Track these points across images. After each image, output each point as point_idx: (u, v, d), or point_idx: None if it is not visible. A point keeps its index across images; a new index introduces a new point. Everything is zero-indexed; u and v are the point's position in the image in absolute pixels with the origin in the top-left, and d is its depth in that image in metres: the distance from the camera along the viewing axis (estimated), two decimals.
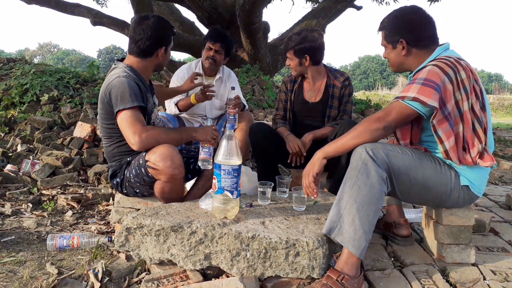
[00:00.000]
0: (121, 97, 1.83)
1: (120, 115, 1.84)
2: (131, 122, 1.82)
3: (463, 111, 1.52)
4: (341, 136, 1.62)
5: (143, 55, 2.00)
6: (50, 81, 4.70)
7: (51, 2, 8.96)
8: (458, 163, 1.54)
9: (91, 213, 2.50)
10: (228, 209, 1.57)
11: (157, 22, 1.98)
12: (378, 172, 1.46)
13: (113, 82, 1.88)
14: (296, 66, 2.50)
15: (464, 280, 1.55)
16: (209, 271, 1.54)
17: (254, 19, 6.68)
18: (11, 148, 3.56)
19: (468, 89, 1.52)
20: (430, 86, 1.47)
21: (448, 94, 1.49)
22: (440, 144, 1.53)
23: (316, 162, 1.61)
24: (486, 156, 1.56)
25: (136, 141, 1.81)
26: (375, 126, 1.53)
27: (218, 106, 2.98)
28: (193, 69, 2.91)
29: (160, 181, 1.85)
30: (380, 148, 1.49)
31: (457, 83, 1.51)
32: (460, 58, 1.58)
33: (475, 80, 1.56)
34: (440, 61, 1.54)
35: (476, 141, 1.54)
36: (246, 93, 5.81)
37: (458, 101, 1.52)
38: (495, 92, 25.14)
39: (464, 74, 1.52)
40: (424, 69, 1.54)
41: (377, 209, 1.46)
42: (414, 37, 1.63)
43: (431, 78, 1.49)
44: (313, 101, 2.57)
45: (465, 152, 1.55)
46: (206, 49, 2.82)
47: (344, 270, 1.42)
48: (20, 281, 1.59)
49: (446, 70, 1.50)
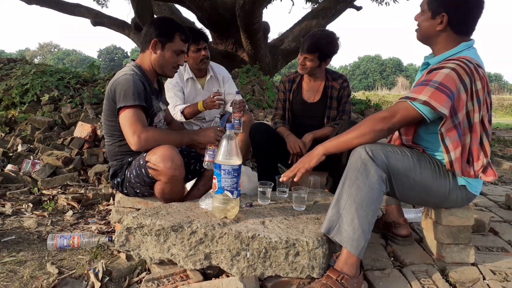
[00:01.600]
0: (125, 94, 1.83)
1: (123, 113, 1.84)
2: (131, 122, 1.82)
3: (473, 123, 1.49)
4: (343, 133, 1.59)
5: (143, 47, 2.03)
6: (50, 81, 4.71)
7: (51, 2, 8.97)
8: (460, 175, 1.53)
9: (92, 213, 2.50)
10: (228, 209, 1.57)
11: (161, 18, 2.05)
12: (377, 172, 1.45)
13: (119, 79, 1.89)
14: (313, 68, 2.46)
15: (463, 280, 1.55)
16: (209, 270, 1.55)
17: (254, 20, 6.68)
18: (12, 148, 3.57)
19: (481, 101, 1.48)
20: (444, 93, 1.41)
21: (461, 103, 1.45)
22: (446, 154, 1.50)
23: (315, 156, 1.59)
24: (489, 170, 1.55)
25: (135, 141, 1.81)
26: (380, 126, 1.50)
27: None
28: (182, 72, 2.83)
29: (160, 181, 1.85)
30: (379, 149, 1.48)
31: (471, 93, 1.46)
32: (479, 65, 1.50)
33: (487, 92, 1.52)
34: (459, 65, 1.45)
35: (481, 155, 1.52)
36: (246, 93, 5.81)
37: (470, 112, 1.48)
38: (494, 92, 25.13)
39: (480, 84, 1.47)
40: (441, 71, 1.46)
41: (376, 209, 1.46)
42: (458, 19, 1.52)
43: (447, 83, 1.42)
44: (312, 101, 2.57)
45: (468, 165, 1.53)
46: (194, 52, 2.70)
47: (344, 270, 1.43)
48: (21, 281, 1.59)
49: (463, 78, 1.44)
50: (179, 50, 2.01)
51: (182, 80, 2.83)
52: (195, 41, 2.66)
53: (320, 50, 2.39)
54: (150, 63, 2.02)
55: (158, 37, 1.96)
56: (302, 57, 2.46)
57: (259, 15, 6.85)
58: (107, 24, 9.44)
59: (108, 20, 9.38)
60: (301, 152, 2.38)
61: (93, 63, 5.71)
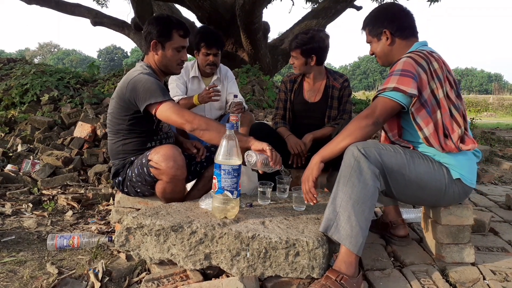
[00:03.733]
0: (151, 91, 1.81)
1: (159, 108, 1.80)
2: (175, 111, 1.79)
3: (439, 99, 1.59)
4: (335, 137, 1.64)
5: (146, 49, 2.04)
6: (50, 81, 4.71)
7: (51, 2, 8.97)
8: (440, 150, 1.58)
9: (92, 213, 2.50)
10: (228, 209, 1.57)
11: (157, 16, 2.04)
12: (370, 168, 1.48)
13: (137, 77, 1.87)
14: (301, 66, 2.50)
15: (463, 280, 1.55)
16: (209, 271, 1.55)
17: (254, 19, 6.69)
18: (12, 148, 3.57)
19: (442, 78, 1.60)
20: (407, 76, 1.54)
21: (423, 83, 1.57)
22: (420, 131, 1.59)
23: (314, 166, 1.61)
24: (467, 139, 1.62)
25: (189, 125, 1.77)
26: (365, 123, 1.56)
27: (217, 106, 2.96)
28: (189, 69, 2.86)
29: (162, 181, 1.85)
30: (372, 147, 1.52)
31: (430, 73, 1.58)
32: (433, 51, 1.67)
33: (447, 71, 1.64)
34: (413, 53, 1.62)
35: (455, 126, 1.60)
36: (246, 93, 5.81)
37: (434, 90, 1.59)
38: (495, 92, 25.16)
39: (436, 64, 1.60)
40: (399, 61, 1.61)
41: (372, 206, 1.48)
42: (396, 27, 1.71)
43: (407, 68, 1.56)
44: (313, 101, 2.57)
45: (446, 138, 1.59)
46: (203, 55, 2.76)
47: (342, 270, 1.43)
48: (21, 281, 1.59)
49: (419, 61, 1.58)
50: (179, 47, 2.00)
51: (188, 76, 2.85)
52: (208, 45, 2.70)
53: (300, 46, 2.44)
54: (155, 63, 2.02)
55: (157, 38, 1.96)
56: (291, 58, 2.54)
57: (259, 15, 6.86)
58: (107, 24, 9.45)
59: (108, 20, 9.39)
60: (302, 153, 2.38)
61: (93, 63, 5.72)
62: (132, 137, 1.97)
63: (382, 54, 1.78)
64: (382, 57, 1.79)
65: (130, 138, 1.96)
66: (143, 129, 1.96)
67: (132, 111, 1.90)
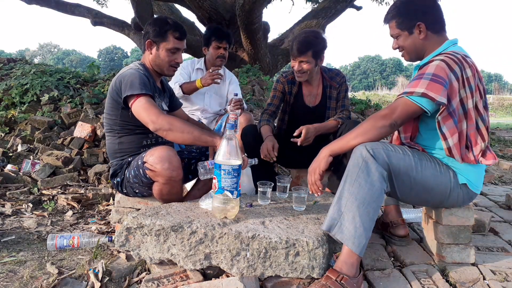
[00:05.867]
0: (131, 84, 1.85)
1: (134, 102, 1.85)
2: (146, 107, 1.82)
3: (468, 109, 1.53)
4: (347, 133, 1.61)
5: (143, 48, 2.10)
6: (50, 81, 4.71)
7: (51, 2, 8.97)
8: (460, 161, 1.54)
9: (92, 213, 2.50)
10: (228, 209, 1.57)
11: (155, 18, 2.09)
12: (378, 170, 1.46)
13: (125, 73, 1.94)
14: (311, 69, 2.34)
15: (464, 280, 1.55)
16: (209, 271, 1.55)
17: (254, 19, 6.68)
18: (12, 148, 3.57)
19: (473, 87, 1.52)
20: (438, 82, 1.46)
21: (453, 91, 1.48)
22: (444, 141, 1.53)
23: (322, 159, 1.60)
24: (488, 154, 1.57)
25: (153, 124, 1.79)
26: (381, 123, 1.52)
27: (217, 102, 3.05)
28: (195, 62, 3.03)
29: (158, 183, 1.84)
30: (380, 148, 1.49)
31: (462, 81, 1.50)
32: (466, 56, 1.57)
33: (479, 79, 1.56)
34: (447, 57, 1.52)
35: (479, 140, 1.54)
36: (246, 93, 5.81)
37: (463, 99, 1.52)
38: (495, 92, 25.16)
39: (469, 72, 1.52)
40: (431, 63, 1.52)
41: (377, 207, 1.46)
42: (431, 19, 1.60)
43: (439, 73, 1.47)
44: (313, 105, 2.53)
45: (467, 150, 1.55)
46: (214, 48, 2.90)
47: (343, 270, 1.42)
48: (21, 281, 1.59)
49: (453, 67, 1.49)
50: (173, 49, 2.02)
51: (193, 67, 3.01)
52: (219, 39, 2.87)
53: (311, 47, 2.29)
54: (149, 63, 2.06)
55: (152, 38, 2.01)
56: (297, 63, 2.33)
57: (259, 15, 6.85)
58: (107, 24, 9.45)
59: (108, 20, 9.39)
60: (269, 157, 2.24)
61: (93, 63, 5.71)
62: (126, 134, 1.99)
63: (413, 49, 1.66)
64: (411, 52, 1.67)
65: (125, 136, 1.98)
66: (136, 125, 1.95)
67: (121, 106, 1.93)
